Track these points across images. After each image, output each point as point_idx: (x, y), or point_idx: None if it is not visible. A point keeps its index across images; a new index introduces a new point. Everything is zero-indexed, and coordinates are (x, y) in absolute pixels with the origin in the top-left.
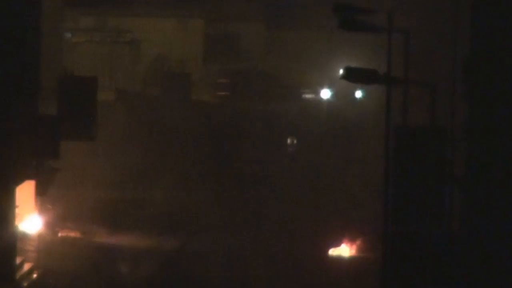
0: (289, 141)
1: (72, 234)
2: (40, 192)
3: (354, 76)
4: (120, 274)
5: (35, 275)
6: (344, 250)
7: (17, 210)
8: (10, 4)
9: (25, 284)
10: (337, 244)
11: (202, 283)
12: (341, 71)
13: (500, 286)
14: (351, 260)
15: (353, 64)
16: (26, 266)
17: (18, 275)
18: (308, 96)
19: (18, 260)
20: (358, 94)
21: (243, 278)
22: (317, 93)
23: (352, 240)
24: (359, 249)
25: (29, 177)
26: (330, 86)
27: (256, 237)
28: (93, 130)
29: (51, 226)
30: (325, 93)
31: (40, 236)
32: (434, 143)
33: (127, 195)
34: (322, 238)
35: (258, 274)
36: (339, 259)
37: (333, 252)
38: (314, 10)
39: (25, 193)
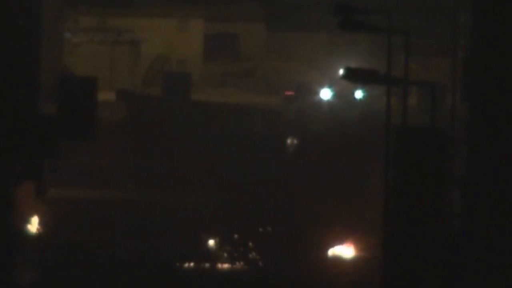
0: (289, 141)
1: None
2: (40, 192)
3: (354, 76)
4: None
5: (35, 275)
6: (344, 250)
7: (16, 210)
8: (10, 4)
9: (25, 284)
10: (336, 243)
11: None
12: (341, 71)
13: (500, 286)
14: (351, 260)
15: (354, 64)
16: (27, 265)
17: (18, 274)
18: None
19: (18, 259)
20: (359, 94)
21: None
22: (317, 93)
23: (351, 239)
24: (359, 249)
25: (29, 177)
26: (330, 86)
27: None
28: (93, 130)
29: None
30: (326, 93)
31: (39, 236)
32: (434, 143)
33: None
34: (322, 237)
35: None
36: (338, 259)
37: (332, 252)
38: (314, 10)
39: (25, 193)
